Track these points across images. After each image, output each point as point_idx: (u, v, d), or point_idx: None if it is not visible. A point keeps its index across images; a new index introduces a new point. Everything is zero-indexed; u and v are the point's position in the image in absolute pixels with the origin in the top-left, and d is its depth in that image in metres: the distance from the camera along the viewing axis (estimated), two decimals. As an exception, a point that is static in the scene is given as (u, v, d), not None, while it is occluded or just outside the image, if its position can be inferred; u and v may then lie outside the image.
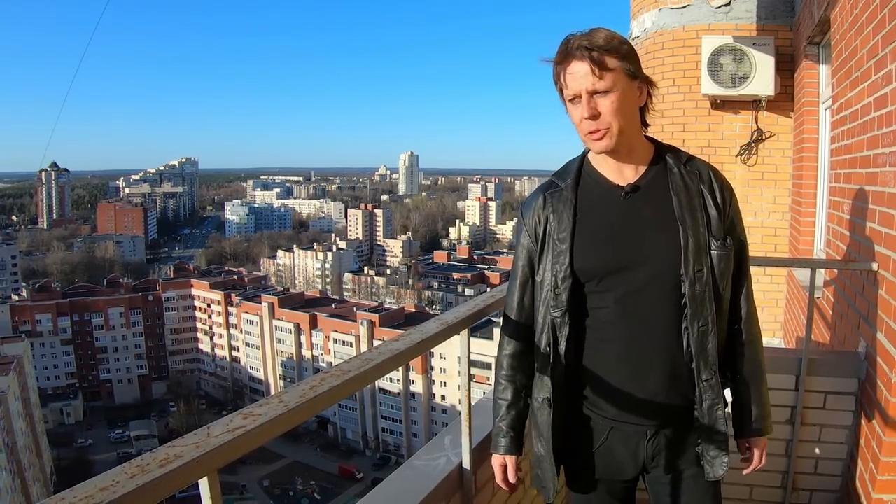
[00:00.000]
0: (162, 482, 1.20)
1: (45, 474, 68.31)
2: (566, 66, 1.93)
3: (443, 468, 2.44)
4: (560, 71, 1.96)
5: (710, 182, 2.07)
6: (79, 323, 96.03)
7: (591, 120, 1.93)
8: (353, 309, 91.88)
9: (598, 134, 1.95)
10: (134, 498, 1.15)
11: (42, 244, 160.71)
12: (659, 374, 2.02)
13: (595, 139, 1.96)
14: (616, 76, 1.92)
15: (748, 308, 2.17)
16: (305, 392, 1.59)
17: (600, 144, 1.97)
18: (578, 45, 1.90)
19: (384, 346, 1.96)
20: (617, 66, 1.92)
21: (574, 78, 1.92)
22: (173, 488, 1.23)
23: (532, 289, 2.18)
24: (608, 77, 1.90)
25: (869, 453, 3.03)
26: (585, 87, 1.90)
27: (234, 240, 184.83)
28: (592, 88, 1.90)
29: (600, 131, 1.94)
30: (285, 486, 73.21)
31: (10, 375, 61.55)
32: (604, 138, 1.95)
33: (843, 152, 3.87)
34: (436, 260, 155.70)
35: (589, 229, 2.06)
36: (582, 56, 1.89)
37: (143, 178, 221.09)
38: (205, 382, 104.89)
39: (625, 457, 2.13)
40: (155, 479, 1.19)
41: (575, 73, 1.91)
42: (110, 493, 1.13)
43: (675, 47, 6.85)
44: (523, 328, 2.20)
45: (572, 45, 1.92)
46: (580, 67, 1.90)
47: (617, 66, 1.92)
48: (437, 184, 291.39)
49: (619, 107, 1.93)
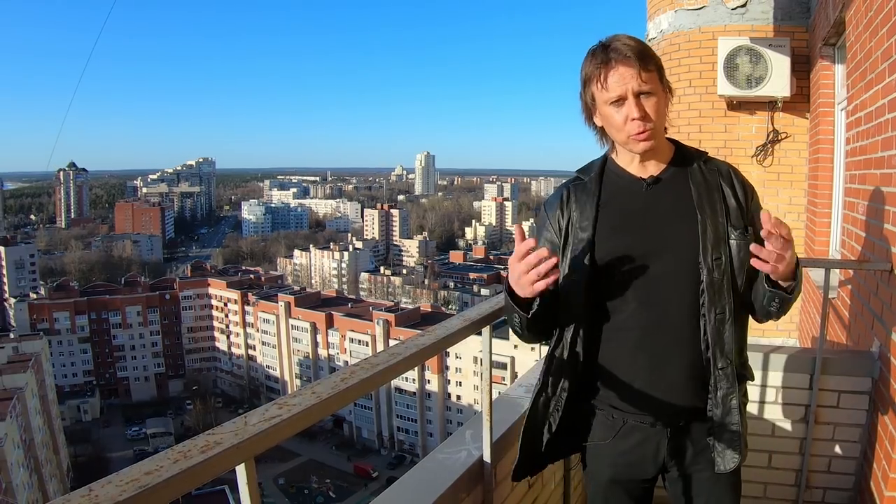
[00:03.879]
0: (203, 467, 1.25)
1: (62, 471, 68.54)
2: (610, 69, 1.96)
3: (464, 461, 2.47)
4: (601, 74, 1.98)
5: (731, 179, 2.11)
6: (96, 321, 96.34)
7: (641, 120, 1.96)
8: (369, 308, 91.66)
9: (645, 134, 1.98)
10: (177, 482, 1.20)
11: (60, 243, 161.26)
12: (677, 363, 2.04)
13: (641, 139, 2.00)
14: (655, 78, 1.97)
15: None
16: (337, 384, 1.64)
17: (645, 144, 2.01)
18: (621, 48, 1.95)
19: (410, 342, 2.01)
20: (655, 69, 1.98)
21: (621, 79, 1.94)
22: (213, 473, 1.27)
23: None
24: (651, 79, 1.95)
25: (882, 452, 3.04)
26: (632, 88, 1.94)
27: (251, 239, 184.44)
28: (639, 89, 1.94)
29: (648, 131, 1.98)
30: (301, 484, 73.16)
31: (28, 373, 61.79)
32: (649, 139, 2.00)
33: (858, 153, 3.88)
34: (452, 260, 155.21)
35: (611, 219, 2.09)
36: (628, 58, 1.93)
37: (160, 178, 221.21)
38: (221, 381, 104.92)
39: (646, 457, 2.16)
40: (196, 465, 1.24)
41: (622, 75, 1.94)
42: (155, 477, 1.18)
43: (691, 48, 6.85)
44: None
45: (613, 48, 1.96)
46: (627, 69, 1.93)
47: (655, 70, 1.97)
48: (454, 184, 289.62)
49: (660, 108, 1.99)
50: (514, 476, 2.26)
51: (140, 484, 1.16)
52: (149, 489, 1.15)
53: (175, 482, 1.20)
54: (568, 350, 2.11)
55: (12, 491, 49.47)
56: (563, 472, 3.37)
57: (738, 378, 2.07)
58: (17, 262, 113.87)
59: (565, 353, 2.12)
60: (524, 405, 2.34)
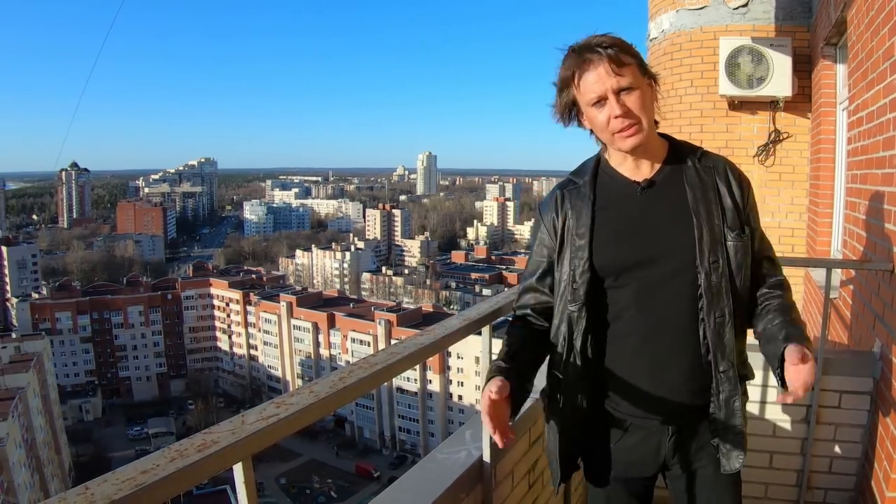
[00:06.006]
0: (199, 466, 1.25)
1: (64, 470, 68.71)
2: (584, 70, 1.93)
3: (464, 461, 2.46)
4: (577, 76, 1.96)
5: (726, 175, 2.08)
6: (98, 321, 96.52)
7: (622, 117, 1.93)
8: (370, 308, 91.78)
9: (630, 130, 1.95)
10: (173, 480, 1.20)
11: (62, 243, 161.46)
12: (677, 367, 2.03)
13: (627, 136, 1.96)
14: (634, 72, 1.93)
15: (779, 278, 2.18)
16: (335, 383, 1.64)
17: (632, 140, 1.97)
18: (593, 47, 1.92)
19: (409, 341, 2.00)
20: (632, 62, 1.94)
21: (597, 79, 1.92)
22: (210, 472, 1.28)
23: (550, 285, 2.20)
24: (628, 73, 1.92)
25: (884, 452, 3.03)
26: (610, 87, 1.91)
27: (253, 239, 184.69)
28: (617, 86, 1.91)
29: (633, 127, 1.95)
30: (302, 484, 73.15)
31: (29, 372, 61.97)
32: (636, 134, 1.96)
33: (860, 153, 3.87)
34: (453, 260, 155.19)
35: (607, 225, 2.07)
36: (600, 57, 1.90)
37: (162, 178, 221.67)
38: (223, 381, 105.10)
39: (646, 455, 2.15)
40: (193, 463, 1.24)
41: (598, 75, 1.91)
42: (152, 475, 1.18)
43: (692, 48, 6.85)
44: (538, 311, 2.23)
45: (585, 49, 1.94)
46: (601, 68, 1.90)
47: (632, 63, 1.94)
48: (455, 184, 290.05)
49: (643, 103, 1.95)
50: (559, 481, 2.23)
51: (136, 482, 1.16)
52: (145, 488, 1.15)
53: (172, 481, 1.20)
54: (567, 350, 2.10)
55: (14, 490, 49.60)
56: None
57: (739, 378, 2.06)
58: (19, 262, 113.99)
59: (565, 354, 2.11)
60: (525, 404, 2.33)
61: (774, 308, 2.09)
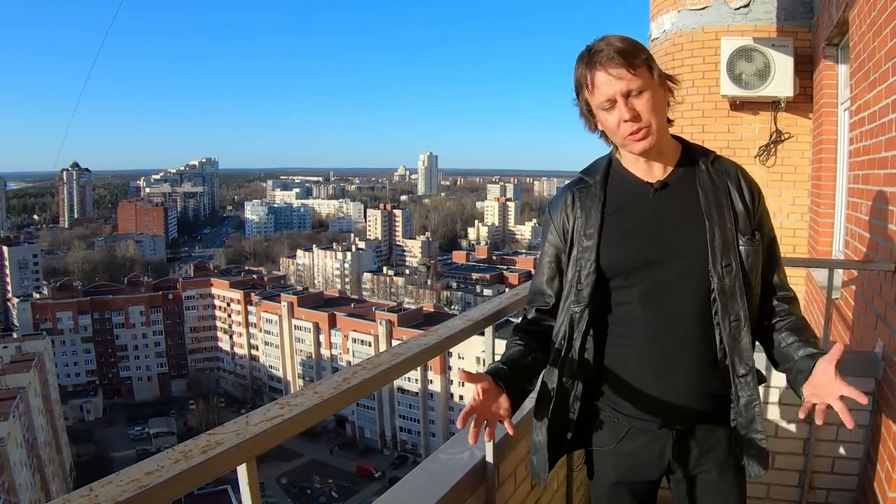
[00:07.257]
0: (204, 467, 1.26)
1: (65, 470, 68.73)
2: (595, 73, 1.92)
3: (467, 462, 2.46)
4: (588, 79, 1.95)
5: (738, 180, 2.06)
6: (99, 321, 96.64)
7: (632, 121, 1.92)
8: (371, 309, 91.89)
9: (640, 134, 1.94)
10: (178, 482, 1.20)
11: (63, 243, 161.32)
12: (685, 370, 2.02)
13: (637, 139, 1.95)
14: (644, 75, 1.92)
15: (788, 293, 2.15)
16: (339, 384, 1.64)
17: (643, 144, 1.96)
18: (604, 50, 1.91)
19: (413, 341, 2.01)
20: (643, 64, 1.92)
21: (607, 82, 1.91)
22: (214, 474, 1.28)
23: (558, 285, 2.18)
24: (639, 76, 1.90)
25: (886, 452, 3.03)
26: (619, 90, 1.90)
27: (254, 239, 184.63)
28: (627, 89, 1.89)
29: (642, 130, 1.93)
30: (303, 484, 73.20)
31: (30, 372, 61.98)
32: (646, 138, 1.95)
33: (862, 154, 3.87)
34: (454, 260, 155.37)
35: (617, 226, 2.06)
36: (610, 59, 1.89)
37: (163, 178, 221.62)
38: (224, 381, 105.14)
39: (651, 458, 2.14)
40: (197, 465, 1.25)
41: (608, 78, 1.90)
42: (156, 477, 1.19)
43: (694, 48, 6.85)
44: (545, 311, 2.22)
45: (596, 52, 1.92)
46: (612, 71, 1.89)
47: (643, 65, 1.92)
48: (456, 184, 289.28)
49: (654, 105, 1.93)
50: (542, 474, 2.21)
51: (141, 484, 1.17)
52: (149, 489, 1.16)
53: (176, 482, 1.21)
54: (565, 349, 2.10)
55: (15, 490, 49.60)
56: (565, 473, 3.36)
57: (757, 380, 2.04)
58: (20, 262, 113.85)
59: (562, 352, 2.10)
60: (527, 406, 2.33)
61: (790, 326, 2.08)
